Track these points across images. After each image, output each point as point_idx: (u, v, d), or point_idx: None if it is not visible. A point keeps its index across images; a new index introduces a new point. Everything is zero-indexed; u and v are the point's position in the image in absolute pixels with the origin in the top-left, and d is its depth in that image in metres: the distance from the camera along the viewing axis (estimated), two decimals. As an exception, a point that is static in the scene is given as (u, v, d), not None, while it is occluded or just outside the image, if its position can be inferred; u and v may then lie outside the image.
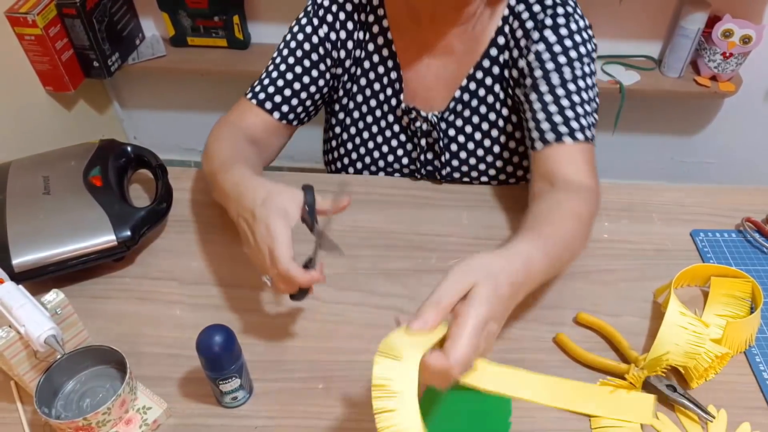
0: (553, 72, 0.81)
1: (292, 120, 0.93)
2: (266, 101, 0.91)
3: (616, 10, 1.69)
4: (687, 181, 2.09)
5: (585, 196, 0.76)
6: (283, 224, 0.65)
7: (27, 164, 0.89)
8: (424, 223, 0.90)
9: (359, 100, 0.95)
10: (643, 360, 0.69)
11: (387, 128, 0.96)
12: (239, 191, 0.72)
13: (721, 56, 1.65)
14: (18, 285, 0.66)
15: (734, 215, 0.91)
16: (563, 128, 0.80)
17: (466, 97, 0.90)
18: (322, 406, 0.68)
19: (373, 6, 0.89)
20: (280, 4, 1.77)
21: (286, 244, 0.64)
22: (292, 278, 0.64)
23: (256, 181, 0.72)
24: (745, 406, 0.69)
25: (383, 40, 0.90)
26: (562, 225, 0.71)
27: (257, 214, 0.67)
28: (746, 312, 0.77)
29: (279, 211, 0.66)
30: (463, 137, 0.93)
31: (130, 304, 0.79)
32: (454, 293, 0.52)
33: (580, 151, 0.80)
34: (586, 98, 0.82)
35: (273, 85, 0.91)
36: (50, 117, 1.74)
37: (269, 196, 0.68)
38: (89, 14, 1.59)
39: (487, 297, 0.52)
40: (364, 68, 0.93)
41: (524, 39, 0.84)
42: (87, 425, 0.61)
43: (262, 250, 0.66)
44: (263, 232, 0.66)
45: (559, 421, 0.67)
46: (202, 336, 0.61)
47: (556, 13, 0.82)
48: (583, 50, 0.82)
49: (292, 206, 0.68)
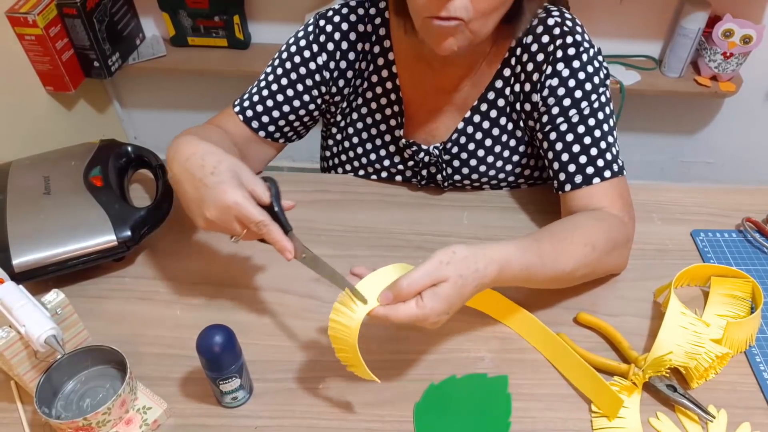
0: (572, 108, 0.80)
1: (278, 138, 0.92)
2: (253, 120, 0.89)
3: (616, 10, 1.69)
4: (687, 181, 2.10)
5: (607, 227, 0.75)
6: (240, 191, 0.64)
7: (27, 164, 0.89)
8: (424, 223, 0.90)
9: (359, 127, 0.93)
10: (643, 360, 0.69)
11: (387, 157, 0.94)
12: (187, 154, 0.68)
13: (722, 56, 1.65)
14: (18, 285, 0.66)
15: (734, 215, 0.91)
16: (590, 169, 0.79)
17: (469, 129, 0.89)
18: (322, 406, 0.68)
19: (380, 36, 0.86)
20: (281, 4, 1.77)
21: (254, 206, 0.64)
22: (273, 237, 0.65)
23: (206, 146, 0.69)
24: (745, 406, 0.69)
25: (387, 73, 0.88)
26: (566, 246, 0.71)
27: (208, 183, 0.65)
28: (746, 312, 0.77)
29: (233, 178, 0.65)
30: (467, 169, 0.92)
31: (130, 304, 0.79)
32: (424, 283, 0.60)
33: (610, 187, 0.80)
34: (606, 129, 0.80)
35: (261, 104, 0.89)
36: (50, 117, 1.74)
37: (221, 164, 0.66)
38: (89, 14, 1.59)
39: (448, 296, 0.60)
40: (366, 98, 0.91)
41: (536, 73, 0.81)
42: (87, 425, 0.61)
43: (223, 220, 0.65)
44: (220, 202, 0.64)
45: (559, 421, 0.67)
46: (202, 336, 0.61)
47: (566, 44, 0.79)
48: (596, 80, 0.80)
49: (245, 172, 0.66)
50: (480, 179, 0.93)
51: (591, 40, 0.82)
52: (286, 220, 0.67)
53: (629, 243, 0.80)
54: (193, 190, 0.66)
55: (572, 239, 0.72)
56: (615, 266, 0.80)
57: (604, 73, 0.82)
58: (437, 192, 0.96)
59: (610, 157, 0.80)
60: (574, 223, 0.75)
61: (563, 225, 0.75)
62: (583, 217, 0.77)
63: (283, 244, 0.65)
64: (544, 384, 0.71)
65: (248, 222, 0.64)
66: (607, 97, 0.82)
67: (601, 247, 0.73)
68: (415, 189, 0.96)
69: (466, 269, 0.61)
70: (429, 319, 0.60)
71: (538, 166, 0.93)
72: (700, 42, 1.67)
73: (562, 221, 0.77)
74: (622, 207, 0.80)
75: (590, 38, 0.82)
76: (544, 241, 0.70)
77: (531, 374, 0.71)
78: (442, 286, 0.60)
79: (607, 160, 0.80)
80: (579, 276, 0.74)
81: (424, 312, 0.59)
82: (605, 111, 0.81)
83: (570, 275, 0.72)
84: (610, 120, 0.81)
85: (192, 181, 0.66)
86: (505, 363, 0.72)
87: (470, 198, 0.94)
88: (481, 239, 0.88)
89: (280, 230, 0.65)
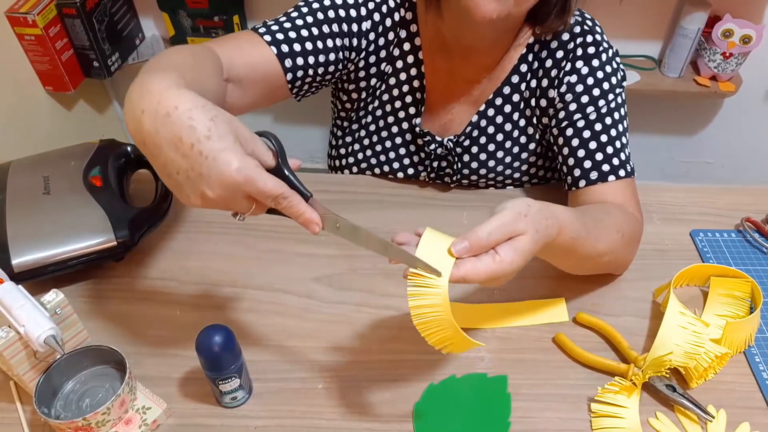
0: (589, 106, 0.81)
1: (292, 79, 0.80)
2: (282, 44, 0.77)
3: (616, 10, 1.69)
4: (687, 181, 2.09)
5: (631, 220, 0.77)
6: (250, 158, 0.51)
7: (27, 164, 0.89)
8: (424, 223, 0.89)
9: (378, 114, 0.93)
10: (642, 360, 0.69)
11: (401, 146, 0.94)
12: (166, 107, 0.50)
13: (721, 56, 1.65)
14: (18, 285, 0.66)
15: (734, 215, 0.91)
16: (606, 167, 0.80)
17: (483, 123, 0.89)
18: (322, 406, 0.68)
19: (406, 21, 0.85)
20: (281, 4, 1.76)
21: (268, 175, 0.51)
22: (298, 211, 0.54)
23: (191, 97, 0.51)
24: (745, 406, 0.69)
25: (413, 59, 0.87)
26: (603, 228, 0.71)
27: (204, 151, 0.49)
28: (746, 312, 0.77)
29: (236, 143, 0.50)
30: (476, 163, 0.92)
31: (130, 304, 0.79)
32: (501, 235, 0.55)
33: (624, 187, 0.80)
34: (621, 130, 0.81)
35: (294, 31, 0.78)
36: (50, 117, 1.74)
37: (216, 122, 0.50)
38: (89, 14, 1.59)
39: (525, 250, 0.55)
40: (389, 84, 0.90)
41: (555, 69, 0.82)
42: (86, 425, 0.61)
43: (227, 198, 0.51)
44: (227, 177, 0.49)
45: (559, 422, 0.67)
46: (202, 336, 0.61)
47: (586, 42, 0.80)
48: (614, 80, 0.81)
49: (243, 129, 0.52)
50: (488, 175, 0.93)
51: (609, 41, 0.82)
52: (300, 183, 0.55)
53: (639, 242, 0.80)
54: (182, 159, 0.50)
55: (606, 222, 0.72)
56: (626, 262, 0.80)
57: (621, 75, 0.83)
58: (438, 192, 0.96)
59: (624, 157, 0.81)
60: (605, 209, 0.76)
61: (596, 209, 0.76)
62: (612, 207, 0.77)
63: (307, 216, 0.54)
64: (544, 384, 0.70)
65: (264, 198, 0.52)
66: (623, 99, 0.83)
67: (627, 238, 0.74)
68: (416, 189, 0.96)
69: (539, 224, 0.57)
70: (507, 276, 0.56)
71: (545, 166, 0.94)
72: (700, 42, 1.67)
73: (594, 206, 0.77)
74: (636, 207, 0.81)
75: (608, 38, 0.82)
76: (587, 217, 0.69)
77: (531, 374, 0.71)
78: (521, 239, 0.55)
79: (621, 160, 0.80)
80: (605, 262, 0.74)
81: (503, 267, 0.54)
82: (620, 112, 0.82)
83: (599, 258, 0.72)
84: (624, 121, 0.82)
85: (178, 146, 0.50)
86: (505, 363, 0.72)
87: (471, 198, 0.94)
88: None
89: (302, 200, 0.54)
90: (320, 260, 0.84)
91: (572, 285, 0.80)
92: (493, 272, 0.54)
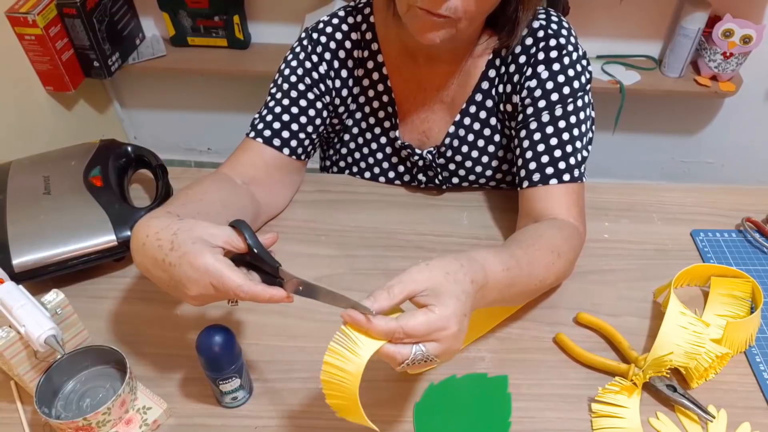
0: (544, 110, 0.80)
1: (301, 154, 0.87)
2: (274, 138, 0.85)
3: (616, 10, 1.69)
4: (687, 181, 2.10)
5: (568, 235, 0.75)
6: (209, 254, 0.57)
7: (27, 164, 0.89)
8: (424, 223, 0.90)
9: (355, 132, 0.93)
10: (643, 360, 0.69)
11: (384, 160, 0.95)
12: (142, 239, 0.61)
13: (722, 56, 1.65)
14: (18, 285, 0.66)
15: (734, 215, 0.91)
16: (550, 169, 0.79)
17: (461, 132, 0.89)
18: (322, 406, 0.68)
19: (367, 41, 0.86)
20: (280, 4, 1.77)
21: (228, 269, 0.57)
22: (258, 297, 0.57)
23: (156, 222, 0.62)
24: (745, 406, 0.69)
25: (378, 75, 0.88)
26: (535, 252, 0.70)
27: (172, 261, 0.58)
28: (746, 312, 0.77)
29: (195, 244, 0.58)
30: (463, 171, 0.92)
31: (130, 304, 0.79)
32: (410, 288, 0.55)
33: (566, 192, 0.79)
34: (577, 134, 0.80)
35: (278, 121, 0.85)
36: (50, 117, 1.74)
37: (178, 234, 0.59)
38: (89, 14, 1.59)
39: (455, 293, 0.54)
40: (359, 103, 0.91)
41: (517, 74, 0.82)
42: (87, 425, 0.61)
43: (208, 294, 0.58)
44: (193, 276, 0.57)
45: (559, 422, 0.67)
46: (202, 336, 0.61)
47: (549, 47, 0.80)
48: (576, 84, 0.80)
49: (210, 228, 0.60)
50: (478, 180, 0.93)
51: (577, 43, 0.81)
52: (270, 257, 0.60)
53: (579, 253, 0.79)
54: (163, 273, 0.59)
55: (538, 245, 0.71)
56: (568, 274, 0.78)
57: (585, 78, 0.82)
58: (437, 192, 0.96)
59: (574, 161, 0.79)
60: (537, 231, 0.74)
61: (527, 233, 0.74)
62: (545, 226, 0.76)
63: (267, 296, 0.57)
64: (544, 384, 0.71)
65: (226, 291, 0.57)
66: (585, 102, 0.81)
67: (564, 256, 0.73)
68: (415, 189, 0.96)
69: (449, 266, 0.56)
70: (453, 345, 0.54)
71: None
72: (700, 42, 1.67)
73: (525, 230, 0.76)
74: (577, 215, 0.79)
75: (577, 41, 0.81)
76: (514, 248, 0.68)
77: (531, 374, 0.71)
78: (441, 287, 0.55)
79: (569, 164, 0.79)
80: (548, 284, 0.73)
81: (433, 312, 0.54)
82: (579, 116, 0.80)
83: (542, 283, 0.71)
84: (582, 125, 0.81)
85: (157, 264, 0.59)
86: (505, 363, 0.72)
87: (470, 198, 0.94)
88: (481, 239, 0.88)
89: (262, 286, 0.58)
90: (320, 260, 0.84)
91: (572, 285, 0.81)
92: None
